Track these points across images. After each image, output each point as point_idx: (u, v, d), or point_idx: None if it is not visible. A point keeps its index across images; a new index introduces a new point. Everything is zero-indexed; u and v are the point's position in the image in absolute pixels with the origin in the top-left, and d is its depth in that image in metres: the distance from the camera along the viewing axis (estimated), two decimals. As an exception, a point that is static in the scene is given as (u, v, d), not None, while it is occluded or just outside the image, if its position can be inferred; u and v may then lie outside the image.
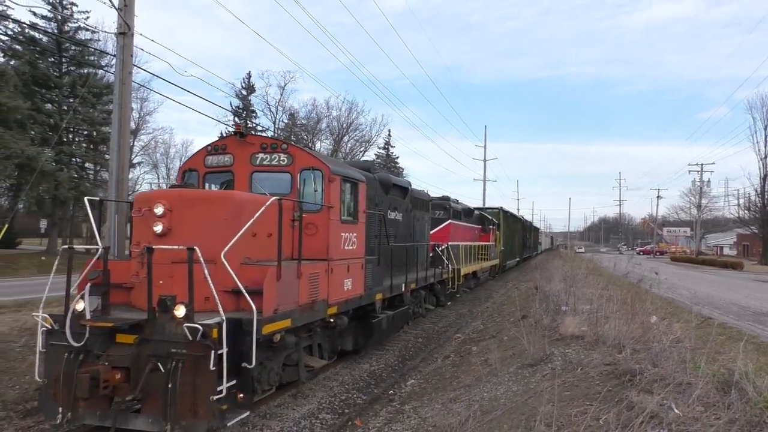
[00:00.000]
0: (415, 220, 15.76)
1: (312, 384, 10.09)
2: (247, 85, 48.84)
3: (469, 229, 25.93)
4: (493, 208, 39.92)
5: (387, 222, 12.65)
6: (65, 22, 37.50)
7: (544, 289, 17.33)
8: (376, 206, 12.10)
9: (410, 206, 15.27)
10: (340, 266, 9.56)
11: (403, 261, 14.11)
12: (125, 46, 11.30)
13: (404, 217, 14.58)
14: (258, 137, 9.85)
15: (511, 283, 31.69)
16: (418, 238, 16.13)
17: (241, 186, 9.36)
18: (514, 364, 8.99)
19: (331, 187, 9.30)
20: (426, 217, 17.29)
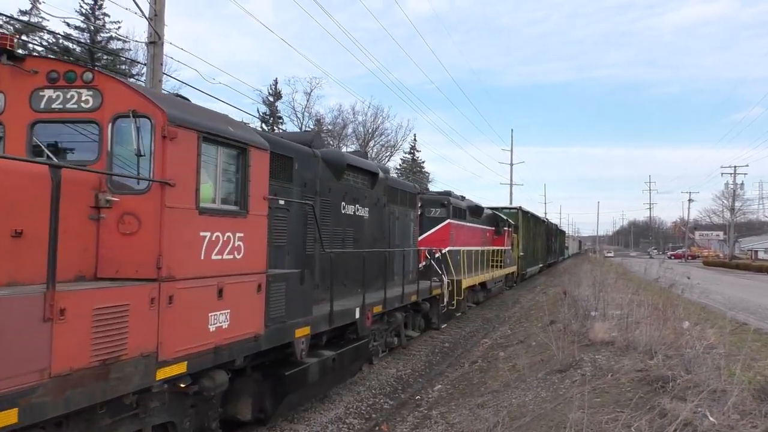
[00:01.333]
0: (392, 219, 12.52)
1: (339, 389, 10.11)
2: (274, 92, 49.34)
3: (476, 231, 22.34)
4: (510, 207, 34.72)
5: (339, 218, 9.77)
6: (98, 33, 38.38)
7: (573, 293, 17.09)
8: (315, 194, 8.87)
9: (383, 199, 11.95)
10: (199, 290, 5.51)
11: (360, 274, 9.84)
12: (155, 55, 11.51)
13: (373, 213, 11.26)
14: (44, 60, 5.83)
15: (539, 288, 31.34)
16: (399, 242, 12.97)
17: (13, 146, 5.38)
18: (542, 370, 8.90)
19: (172, 148, 5.19)
20: (411, 215, 14.01)
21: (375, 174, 11.43)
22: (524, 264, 33.56)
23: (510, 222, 29.10)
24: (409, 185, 14.89)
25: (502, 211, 30.82)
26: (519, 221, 32.37)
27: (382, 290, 10.90)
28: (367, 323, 9.83)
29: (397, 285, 11.96)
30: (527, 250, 34.68)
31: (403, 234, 13.42)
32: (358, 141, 51.16)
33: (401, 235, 13.23)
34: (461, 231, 19.70)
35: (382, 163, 52.51)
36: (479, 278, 20.39)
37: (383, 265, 11.42)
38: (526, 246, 34.46)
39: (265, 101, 48.54)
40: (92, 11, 37.94)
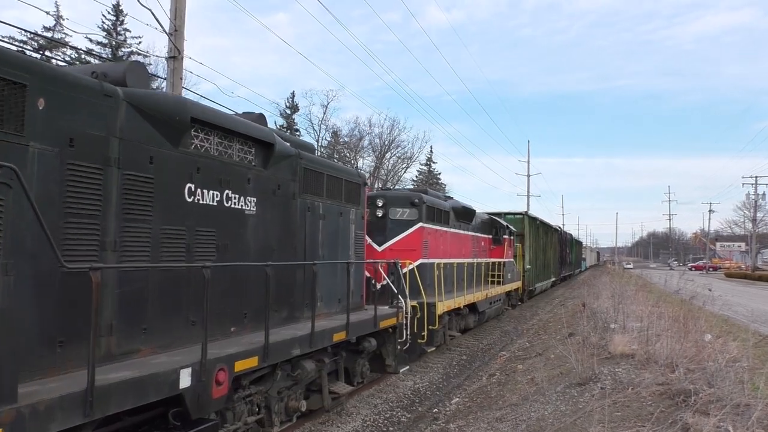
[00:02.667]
0: (313, 218, 8.66)
1: (356, 401, 10.09)
2: (291, 105, 49.75)
3: (465, 239, 17.81)
4: (514, 213, 29.23)
5: (178, 211, 5.99)
6: (119, 48, 39.07)
7: (592, 306, 16.93)
8: (109, 163, 5.20)
9: (292, 187, 8.11)
10: None
11: (229, 303, 6.72)
12: (175, 70, 11.68)
13: (267, 206, 7.47)
14: None
15: (557, 300, 31.03)
16: (326, 252, 9.09)
17: None
18: (561, 383, 8.80)
19: None
20: (352, 214, 10.00)
21: (270, 145, 7.39)
22: (532, 278, 29.34)
23: (512, 229, 24.25)
24: (348, 171, 10.52)
25: (504, 217, 26.49)
26: (525, 229, 28.16)
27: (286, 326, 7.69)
28: (219, 392, 5.67)
29: (305, 319, 7.97)
30: (535, 263, 30.45)
31: (335, 241, 9.35)
32: (375, 153, 51.30)
33: (331, 242, 9.21)
34: (441, 238, 15.42)
35: (399, 176, 52.59)
36: (466, 299, 16.02)
37: (288, 288, 7.86)
38: (535, 257, 30.16)
39: (282, 114, 48.94)
40: (114, 27, 38.67)
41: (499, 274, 20.83)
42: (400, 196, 14.58)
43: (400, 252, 13.23)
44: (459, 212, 17.26)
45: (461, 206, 17.74)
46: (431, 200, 14.92)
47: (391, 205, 13.92)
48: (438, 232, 15.21)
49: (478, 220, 19.81)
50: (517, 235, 26.03)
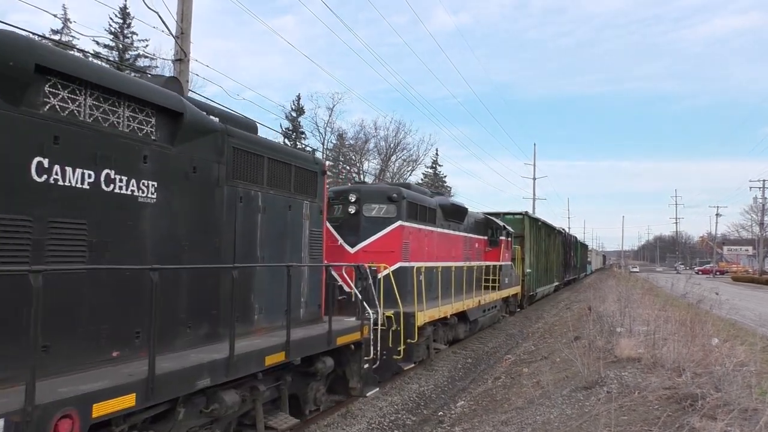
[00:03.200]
0: (248, 210, 7.09)
1: (361, 404, 10.07)
2: (297, 107, 49.84)
3: (455, 240, 16.04)
4: (513, 213, 27.32)
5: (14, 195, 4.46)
6: (126, 51, 39.26)
7: (598, 309, 16.86)
8: None
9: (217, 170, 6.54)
10: None
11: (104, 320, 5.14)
12: (182, 72, 11.72)
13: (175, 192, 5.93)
14: None
15: (563, 303, 30.94)
16: (269, 253, 7.48)
17: None
18: (567, 387, 8.76)
19: None
20: (305, 209, 8.30)
21: (178, 115, 5.80)
22: (533, 283, 27.60)
23: (509, 230, 22.14)
24: (301, 156, 8.56)
25: (503, 217, 24.76)
26: (525, 230, 26.36)
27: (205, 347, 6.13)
28: None
29: (221, 338, 6.26)
30: (537, 266, 28.64)
31: (281, 240, 7.71)
32: (380, 156, 51.32)
33: (275, 241, 7.57)
34: (426, 239, 13.75)
35: (405, 179, 52.51)
36: (454, 307, 14.32)
37: (208, 298, 6.31)
38: (536, 261, 28.36)
39: (288, 116, 49.04)
40: (121, 30, 38.87)
41: (495, 279, 19.26)
42: (375, 190, 12.84)
43: (375, 254, 11.72)
44: (448, 210, 15.48)
45: (450, 204, 16.05)
46: (413, 195, 13.22)
47: (365, 200, 12.23)
48: (422, 232, 13.50)
49: (472, 220, 17.97)
50: (517, 236, 24.39)
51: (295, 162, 8.13)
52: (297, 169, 8.10)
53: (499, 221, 21.36)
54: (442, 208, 15.10)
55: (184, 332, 5.84)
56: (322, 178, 8.86)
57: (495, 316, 19.86)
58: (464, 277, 15.80)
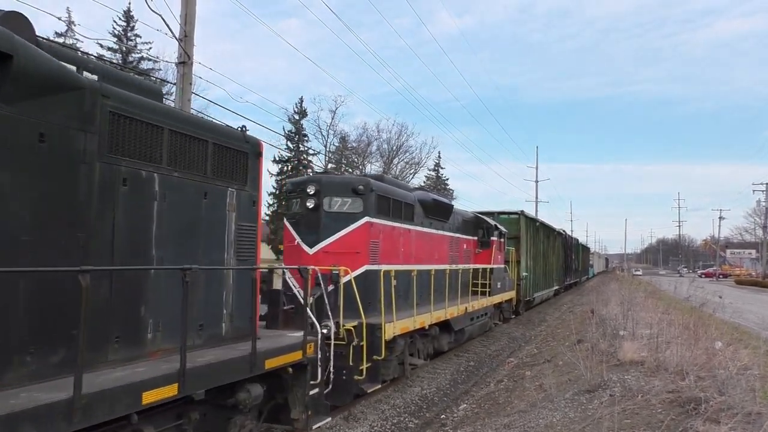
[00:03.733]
0: (108, 195, 5.12)
1: (363, 407, 10.06)
2: (300, 110, 49.90)
3: (438, 240, 14.48)
4: (508, 212, 25.61)
5: None
6: (129, 53, 39.37)
7: (601, 312, 16.82)
8: None
9: (77, 141, 4.82)
10: None
11: None
12: (185, 75, 11.75)
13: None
14: None
15: (566, 306, 30.89)
16: (126, 252, 5.29)
17: None
18: (570, 390, 8.74)
19: None
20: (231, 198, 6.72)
21: (6, 58, 4.18)
22: (530, 287, 26.03)
23: (502, 231, 20.37)
24: (223, 131, 6.77)
25: (497, 217, 22.97)
26: (521, 231, 24.66)
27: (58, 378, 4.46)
28: None
29: (107, 363, 4.97)
30: (534, 269, 27.12)
31: (193, 236, 6.11)
32: (383, 158, 51.40)
33: (182, 237, 5.96)
34: (402, 239, 12.18)
35: (408, 182, 52.58)
36: (434, 316, 12.53)
37: (61, 313, 4.55)
38: (533, 263, 26.84)
39: (291, 119, 49.11)
40: (125, 32, 38.98)
41: (486, 284, 17.53)
42: (339, 181, 11.06)
43: (338, 256, 10.14)
44: (429, 207, 13.79)
45: (432, 199, 14.23)
46: (384, 188, 11.49)
47: (326, 193, 10.54)
48: (396, 231, 11.85)
49: (459, 219, 16.46)
50: (512, 238, 23.04)
51: (214, 138, 6.34)
52: (217, 148, 6.37)
53: (491, 221, 19.51)
54: (423, 205, 13.49)
55: (20, 362, 4.25)
56: (256, 161, 7.07)
57: (485, 325, 18.04)
58: (448, 282, 13.91)
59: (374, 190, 10.93)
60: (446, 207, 15.18)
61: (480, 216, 19.16)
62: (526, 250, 25.30)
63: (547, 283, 31.75)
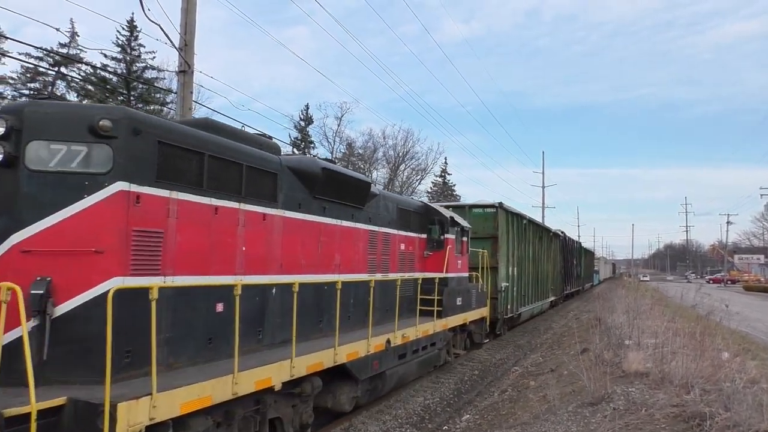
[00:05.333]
0: None
1: (365, 418, 9.95)
2: (305, 117, 49.97)
3: (342, 237, 9.74)
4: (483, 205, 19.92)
5: None
6: (133, 63, 39.53)
7: (606, 320, 16.65)
8: None
9: None
10: None
11: None
12: (185, 84, 11.73)
13: None
14: None
15: (572, 314, 30.67)
16: None
17: None
18: (573, 402, 8.60)
19: None
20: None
21: None
22: (513, 300, 20.83)
23: (465, 227, 15.18)
24: None
25: (470, 212, 18.89)
26: (499, 229, 19.14)
27: None
28: None
29: None
30: (520, 277, 22.05)
31: None
32: (389, 165, 51.38)
33: None
34: (248, 231, 7.31)
35: (413, 188, 52.41)
36: (295, 366, 7.03)
37: None
38: (518, 271, 21.63)
39: (297, 126, 49.19)
40: (128, 42, 39.16)
41: (434, 300, 12.41)
42: (59, 112, 5.72)
43: (56, 259, 5.37)
44: (315, 181, 8.64)
45: (321, 169, 8.77)
46: (172, 130, 6.35)
47: (33, 133, 5.51)
48: (224, 215, 6.85)
49: (392, 207, 11.75)
50: (486, 237, 18.63)
51: None
52: None
53: (446, 212, 14.34)
54: (301, 175, 8.40)
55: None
56: None
57: (433, 360, 12.75)
58: (360, 301, 9.85)
59: (142, 131, 5.77)
60: (356, 185, 10.10)
61: (430, 206, 14.25)
62: (507, 253, 19.95)
63: (538, 294, 26.69)
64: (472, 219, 18.02)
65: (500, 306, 19.11)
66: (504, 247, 19.77)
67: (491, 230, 19.17)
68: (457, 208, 18.40)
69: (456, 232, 14.24)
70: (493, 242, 18.99)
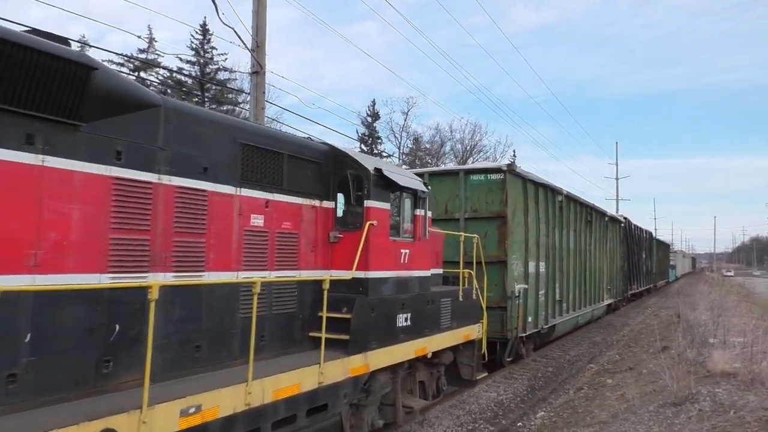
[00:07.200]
0: None
1: (438, 412, 9.98)
2: (372, 113, 50.32)
3: None
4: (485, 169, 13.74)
5: None
6: (206, 65, 40.95)
7: (688, 317, 15.96)
8: None
9: None
10: None
11: None
12: (258, 84, 12.05)
13: None
14: None
15: (650, 310, 29.55)
16: None
17: None
18: (654, 402, 8.31)
19: None
20: None
21: None
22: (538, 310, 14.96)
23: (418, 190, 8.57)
24: None
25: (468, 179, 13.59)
26: (508, 203, 13.19)
27: None
28: None
29: None
30: (551, 276, 16.13)
31: None
32: (456, 158, 51.06)
33: None
34: None
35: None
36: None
37: None
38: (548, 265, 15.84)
39: (364, 122, 49.62)
40: (201, 46, 40.58)
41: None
42: None
43: None
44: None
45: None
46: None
47: None
48: None
49: (229, 140, 6.07)
50: (491, 218, 13.21)
51: None
52: None
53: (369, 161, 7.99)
54: None
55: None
56: None
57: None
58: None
59: None
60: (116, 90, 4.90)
61: (340, 151, 7.88)
62: (524, 240, 14.11)
63: (586, 297, 20.34)
64: (470, 190, 13.54)
65: (511, 319, 13.15)
66: (519, 231, 13.84)
67: (497, 206, 13.24)
68: (444, 174, 14.30)
69: (396, 198, 8.22)
70: (500, 224, 13.20)
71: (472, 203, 13.51)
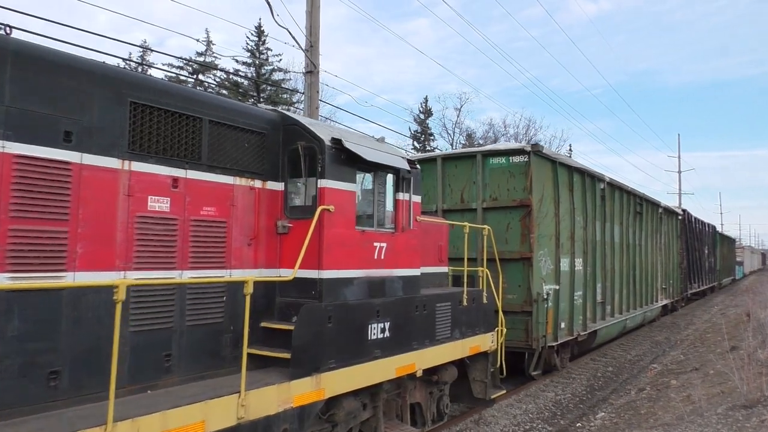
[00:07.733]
0: None
1: (494, 411, 9.88)
2: (425, 109, 50.20)
3: None
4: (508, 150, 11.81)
5: None
6: (262, 66, 41.76)
7: (758, 316, 15.22)
8: None
9: None
10: None
11: None
12: (312, 84, 12.19)
13: None
14: None
15: (717, 308, 28.35)
16: None
17: None
18: (722, 404, 7.97)
19: None
20: None
21: None
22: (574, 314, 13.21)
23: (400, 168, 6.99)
24: None
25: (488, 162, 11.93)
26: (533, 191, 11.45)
27: None
28: None
29: None
30: (590, 275, 14.30)
31: None
32: (510, 154, 50.44)
33: None
34: None
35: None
36: None
37: None
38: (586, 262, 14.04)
39: (416, 119, 49.58)
40: (257, 47, 41.42)
41: None
42: None
43: None
44: None
45: None
46: None
47: None
48: None
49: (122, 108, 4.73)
50: (514, 207, 11.58)
51: None
52: None
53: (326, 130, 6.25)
54: None
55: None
56: None
57: None
58: None
59: None
60: None
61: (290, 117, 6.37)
62: (554, 234, 12.33)
63: (636, 298, 18.51)
64: (489, 176, 11.90)
65: (538, 325, 11.39)
66: (547, 222, 12.10)
67: (521, 194, 11.57)
68: (459, 157, 12.48)
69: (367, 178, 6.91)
70: (523, 214, 11.53)
71: (491, 190, 11.86)
